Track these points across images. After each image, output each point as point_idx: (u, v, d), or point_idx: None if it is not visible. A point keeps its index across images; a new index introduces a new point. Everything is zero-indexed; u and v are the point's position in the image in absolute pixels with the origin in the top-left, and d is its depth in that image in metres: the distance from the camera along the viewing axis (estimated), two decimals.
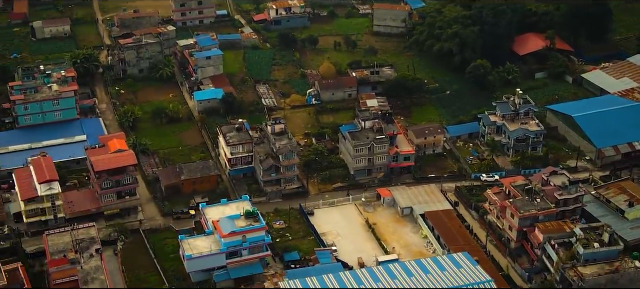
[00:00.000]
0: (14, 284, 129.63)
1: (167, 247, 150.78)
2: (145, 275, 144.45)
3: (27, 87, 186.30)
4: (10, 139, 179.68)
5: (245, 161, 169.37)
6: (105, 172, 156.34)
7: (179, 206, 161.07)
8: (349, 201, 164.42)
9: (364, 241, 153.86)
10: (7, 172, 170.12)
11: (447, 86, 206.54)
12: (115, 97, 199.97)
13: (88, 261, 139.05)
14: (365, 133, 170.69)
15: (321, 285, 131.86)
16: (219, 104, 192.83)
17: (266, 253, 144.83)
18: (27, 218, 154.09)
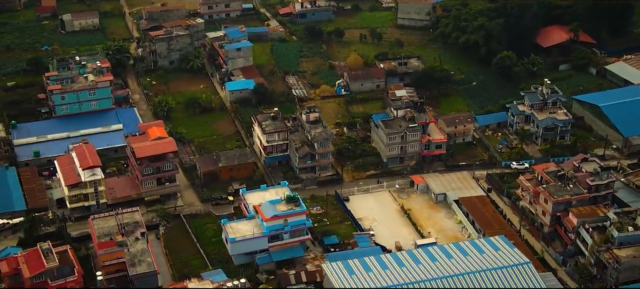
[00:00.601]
0: (65, 266, 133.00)
1: (208, 232, 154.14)
2: (188, 258, 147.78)
3: (63, 77, 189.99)
4: (48, 128, 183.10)
5: (280, 149, 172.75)
6: (146, 159, 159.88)
7: (217, 193, 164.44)
8: (383, 188, 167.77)
9: (400, 226, 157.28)
10: (46, 160, 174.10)
11: (473, 77, 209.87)
12: (148, 88, 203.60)
13: (134, 244, 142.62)
14: (398, 122, 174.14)
15: (364, 267, 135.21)
16: (250, 95, 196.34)
17: (307, 236, 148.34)
18: (71, 204, 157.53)
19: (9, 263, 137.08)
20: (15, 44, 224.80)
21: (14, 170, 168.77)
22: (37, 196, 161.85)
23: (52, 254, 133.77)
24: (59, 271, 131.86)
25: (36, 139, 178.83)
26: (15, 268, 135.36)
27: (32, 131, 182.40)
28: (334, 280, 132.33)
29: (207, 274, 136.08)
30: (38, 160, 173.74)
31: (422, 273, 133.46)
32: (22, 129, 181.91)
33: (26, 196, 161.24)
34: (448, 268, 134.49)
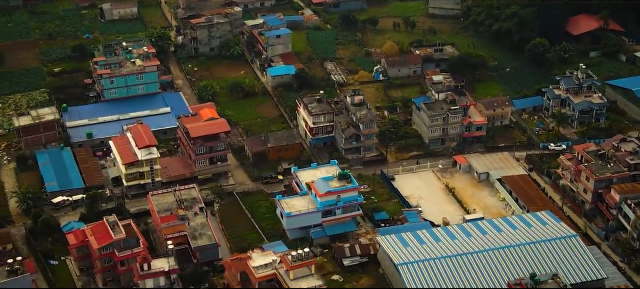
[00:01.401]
0: (131, 238, 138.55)
1: (260, 208, 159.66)
2: (244, 233, 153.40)
3: (110, 62, 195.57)
4: (98, 112, 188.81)
5: (325, 130, 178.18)
6: (200, 138, 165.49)
7: (267, 172, 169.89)
8: (426, 168, 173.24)
9: (446, 203, 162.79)
10: (99, 141, 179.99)
11: (505, 64, 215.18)
12: (190, 74, 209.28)
13: (194, 218, 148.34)
14: (440, 104, 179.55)
15: (417, 239, 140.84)
16: (291, 80, 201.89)
17: (358, 212, 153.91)
18: (127, 181, 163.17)
19: (76, 235, 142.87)
20: (56, 32, 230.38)
21: (69, 150, 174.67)
22: (93, 175, 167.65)
23: (118, 227, 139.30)
24: (125, 243, 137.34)
25: (87, 121, 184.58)
26: (82, 240, 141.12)
27: (82, 113, 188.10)
28: (389, 252, 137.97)
29: (269, 245, 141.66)
30: (90, 141, 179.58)
31: (474, 245, 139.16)
32: (72, 112, 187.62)
33: (83, 175, 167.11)
34: (498, 240, 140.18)
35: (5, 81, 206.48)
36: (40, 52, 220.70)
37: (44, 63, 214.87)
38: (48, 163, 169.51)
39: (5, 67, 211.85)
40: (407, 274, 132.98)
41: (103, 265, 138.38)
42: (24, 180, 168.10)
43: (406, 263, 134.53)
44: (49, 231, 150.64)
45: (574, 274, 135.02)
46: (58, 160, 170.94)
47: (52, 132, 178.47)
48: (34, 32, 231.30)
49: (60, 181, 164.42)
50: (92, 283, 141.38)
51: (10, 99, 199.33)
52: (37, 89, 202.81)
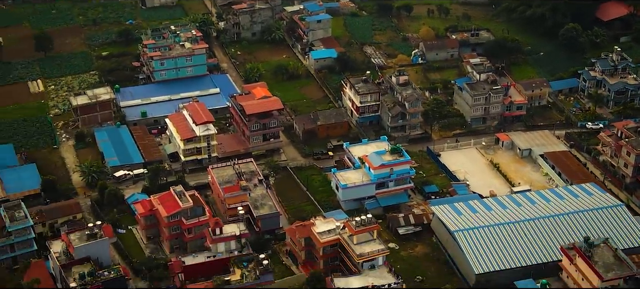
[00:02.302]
0: (198, 207, 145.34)
1: (314, 182, 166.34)
2: (300, 205, 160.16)
3: (160, 45, 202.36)
4: (149, 92, 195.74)
5: (372, 109, 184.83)
6: (255, 115, 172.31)
7: (317, 148, 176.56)
8: (470, 145, 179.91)
9: (491, 178, 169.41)
10: (153, 120, 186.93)
11: (538, 48, 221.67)
12: (234, 57, 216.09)
13: (254, 189, 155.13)
14: (481, 85, 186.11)
15: (470, 209, 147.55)
16: (333, 62, 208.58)
17: (410, 184, 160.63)
18: (185, 157, 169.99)
19: (144, 205, 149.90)
20: (100, 19, 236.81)
21: (126, 128, 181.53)
22: (151, 151, 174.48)
23: (185, 196, 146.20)
24: (192, 211, 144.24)
25: (140, 101, 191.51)
26: (150, 209, 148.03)
27: (134, 94, 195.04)
28: (444, 220, 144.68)
29: (330, 213, 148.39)
30: (145, 120, 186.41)
31: (524, 213, 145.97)
32: (125, 93, 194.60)
33: (142, 151, 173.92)
34: (548, 209, 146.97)
35: (55, 64, 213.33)
36: (86, 37, 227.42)
37: (91, 48, 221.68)
38: (107, 140, 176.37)
39: (53, 51, 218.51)
40: (463, 240, 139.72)
41: (171, 233, 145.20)
42: (83, 156, 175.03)
43: (461, 230, 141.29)
44: (114, 203, 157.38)
45: (622, 241, 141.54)
46: (116, 137, 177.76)
47: (108, 111, 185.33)
48: (77, 18, 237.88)
49: (120, 156, 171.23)
50: (159, 251, 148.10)
51: (62, 81, 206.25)
52: (87, 72, 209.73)
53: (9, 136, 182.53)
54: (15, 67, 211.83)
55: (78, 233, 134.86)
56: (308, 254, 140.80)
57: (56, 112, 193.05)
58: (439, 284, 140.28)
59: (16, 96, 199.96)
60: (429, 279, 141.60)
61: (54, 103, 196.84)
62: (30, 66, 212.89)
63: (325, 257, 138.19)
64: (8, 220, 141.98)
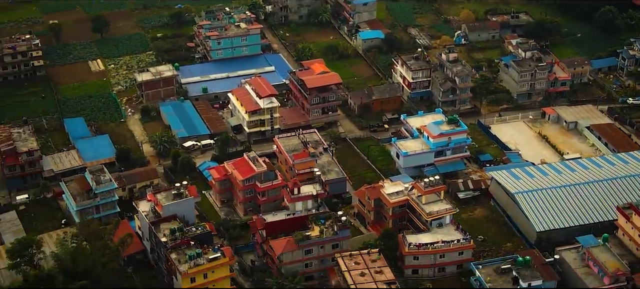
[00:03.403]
0: (270, 171, 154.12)
1: (372, 152, 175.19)
2: (361, 172, 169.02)
3: (215, 26, 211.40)
4: (207, 70, 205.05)
5: (423, 85, 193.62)
6: (315, 89, 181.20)
7: (373, 121, 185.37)
8: (518, 119, 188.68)
9: (540, 148, 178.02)
10: (213, 95, 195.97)
11: (574, 30, 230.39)
12: (283, 39, 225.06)
13: (320, 157, 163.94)
14: (527, 62, 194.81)
15: (527, 174, 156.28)
16: (381, 43, 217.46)
17: (466, 153, 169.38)
18: (249, 129, 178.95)
19: (218, 170, 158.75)
20: (150, 3, 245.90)
21: (189, 103, 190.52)
22: (215, 123, 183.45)
23: (258, 162, 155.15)
24: (265, 175, 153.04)
25: (200, 78, 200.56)
26: (224, 175, 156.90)
27: (193, 72, 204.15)
28: (504, 183, 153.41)
29: (396, 177, 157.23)
30: (206, 95, 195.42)
31: (579, 177, 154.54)
32: (184, 71, 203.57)
33: (207, 123, 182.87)
34: (601, 174, 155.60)
35: (111, 45, 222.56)
36: (138, 20, 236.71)
37: (145, 30, 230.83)
38: (172, 114, 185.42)
39: (109, 33, 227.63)
40: (523, 201, 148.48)
41: (245, 196, 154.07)
42: (149, 129, 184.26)
43: (521, 192, 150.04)
44: (187, 170, 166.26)
45: None
46: (181, 111, 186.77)
47: (170, 87, 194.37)
48: (127, 3, 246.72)
49: (187, 128, 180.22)
50: (233, 214, 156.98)
51: (121, 61, 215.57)
52: (144, 52, 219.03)
53: (77, 110, 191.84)
54: (74, 48, 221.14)
55: (164, 193, 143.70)
56: (377, 214, 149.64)
57: (119, 88, 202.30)
58: (499, 243, 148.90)
59: (78, 74, 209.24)
60: (489, 238, 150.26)
61: (116, 80, 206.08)
62: (87, 47, 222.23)
63: (394, 217, 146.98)
64: (94, 183, 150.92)
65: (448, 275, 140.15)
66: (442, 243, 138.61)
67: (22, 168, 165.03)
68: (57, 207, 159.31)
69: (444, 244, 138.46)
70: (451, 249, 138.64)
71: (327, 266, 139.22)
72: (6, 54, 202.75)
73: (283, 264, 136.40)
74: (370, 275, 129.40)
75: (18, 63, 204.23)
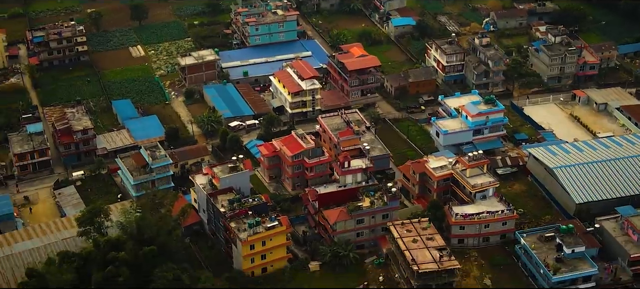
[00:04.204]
0: (317, 148, 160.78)
1: (411, 131, 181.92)
2: (401, 150, 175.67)
3: (253, 12, 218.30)
4: (245, 55, 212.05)
5: (457, 68, 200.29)
6: (355, 71, 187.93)
7: (410, 103, 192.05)
8: (549, 101, 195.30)
9: (573, 128, 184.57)
10: (254, 79, 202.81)
11: (599, 18, 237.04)
12: (316, 26, 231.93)
13: (363, 135, 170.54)
14: (557, 46, 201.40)
15: (563, 150, 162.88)
16: (412, 29, 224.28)
17: (503, 132, 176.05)
18: (292, 109, 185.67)
19: (267, 147, 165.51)
20: None
21: (232, 86, 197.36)
22: (259, 104, 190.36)
23: (306, 138, 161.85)
24: (313, 152, 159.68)
25: (240, 62, 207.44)
26: (273, 151, 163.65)
27: (232, 57, 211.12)
28: (542, 159, 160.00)
29: (438, 153, 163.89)
30: (246, 79, 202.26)
31: (614, 153, 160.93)
32: (224, 56, 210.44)
33: (250, 104, 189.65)
34: (635, 150, 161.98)
35: (150, 32, 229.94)
36: (174, 9, 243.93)
37: (181, 18, 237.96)
38: (216, 96, 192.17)
39: (147, 21, 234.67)
40: (561, 175, 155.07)
41: (294, 171, 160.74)
42: (193, 110, 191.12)
43: (560, 167, 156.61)
44: (235, 148, 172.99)
45: None
46: (224, 93, 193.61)
47: (212, 71, 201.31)
48: None
49: (231, 109, 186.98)
50: (281, 188, 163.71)
51: (161, 47, 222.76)
52: (182, 39, 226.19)
53: (123, 93, 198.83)
54: (114, 35, 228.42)
55: (221, 167, 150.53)
56: (421, 188, 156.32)
57: (161, 73, 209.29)
58: (538, 216, 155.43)
59: (120, 60, 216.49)
60: (528, 211, 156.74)
61: (157, 65, 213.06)
62: (127, 34, 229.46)
63: (438, 190, 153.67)
64: (150, 159, 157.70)
65: (492, 244, 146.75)
66: (487, 214, 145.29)
67: (77, 146, 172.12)
68: (112, 183, 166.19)
69: (488, 215, 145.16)
70: (495, 219, 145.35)
71: (377, 235, 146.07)
72: (52, 39, 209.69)
73: (336, 233, 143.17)
74: (422, 242, 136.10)
75: (63, 49, 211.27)
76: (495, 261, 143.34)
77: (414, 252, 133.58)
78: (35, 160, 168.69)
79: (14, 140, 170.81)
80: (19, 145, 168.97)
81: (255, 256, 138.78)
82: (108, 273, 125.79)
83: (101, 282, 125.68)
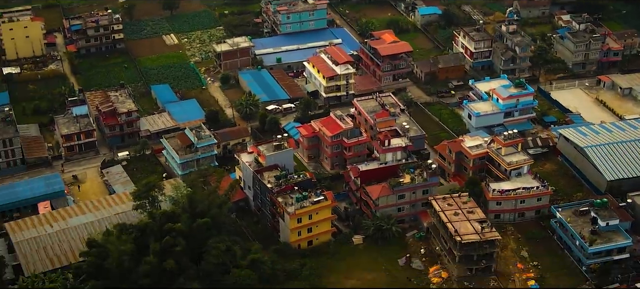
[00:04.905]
0: (355, 128, 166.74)
1: (442, 115, 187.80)
2: (434, 131, 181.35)
3: (284, 1, 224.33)
4: (277, 42, 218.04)
5: (484, 55, 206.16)
6: (388, 57, 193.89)
7: (440, 88, 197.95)
8: (575, 86, 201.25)
9: (599, 111, 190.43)
10: (287, 65, 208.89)
11: (619, 7, 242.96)
12: (343, 15, 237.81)
13: (398, 116, 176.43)
14: (582, 33, 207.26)
15: (592, 131, 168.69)
16: (438, 18, 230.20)
17: (532, 114, 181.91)
18: (326, 94, 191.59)
19: (306, 128, 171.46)
20: None
21: (266, 71, 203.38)
22: (293, 89, 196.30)
23: (345, 119, 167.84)
24: (351, 132, 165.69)
25: (272, 49, 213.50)
26: (312, 132, 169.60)
27: (265, 44, 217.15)
28: (573, 139, 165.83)
29: (473, 133, 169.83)
30: (279, 65, 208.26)
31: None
32: (257, 43, 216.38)
33: (285, 89, 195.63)
34: None
35: (182, 21, 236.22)
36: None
37: (211, 7, 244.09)
38: (252, 81, 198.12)
39: (178, 11, 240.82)
40: (592, 154, 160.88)
41: (333, 151, 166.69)
42: (230, 95, 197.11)
43: (590, 146, 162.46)
44: (274, 129, 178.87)
45: None
46: (259, 78, 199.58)
47: (246, 57, 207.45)
48: None
49: (267, 93, 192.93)
50: (320, 168, 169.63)
51: (193, 35, 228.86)
52: (214, 27, 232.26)
53: (160, 79, 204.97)
54: (147, 24, 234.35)
55: (266, 145, 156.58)
56: (457, 166, 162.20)
57: (196, 60, 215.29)
58: (570, 193, 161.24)
59: (155, 47, 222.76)
60: (560, 189, 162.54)
61: (191, 53, 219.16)
62: (159, 23, 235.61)
63: (474, 168, 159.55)
64: (195, 138, 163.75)
65: (527, 219, 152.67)
66: (522, 190, 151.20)
67: (121, 128, 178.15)
68: (156, 163, 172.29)
69: (524, 191, 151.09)
70: (531, 195, 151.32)
71: (417, 210, 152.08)
72: (90, 27, 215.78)
73: (378, 208, 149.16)
74: (463, 214, 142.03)
75: (100, 36, 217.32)
76: (531, 235, 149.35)
77: (456, 224, 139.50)
78: (81, 141, 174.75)
79: (60, 122, 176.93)
80: (66, 127, 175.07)
81: (301, 229, 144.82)
82: (166, 243, 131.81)
83: (159, 251, 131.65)
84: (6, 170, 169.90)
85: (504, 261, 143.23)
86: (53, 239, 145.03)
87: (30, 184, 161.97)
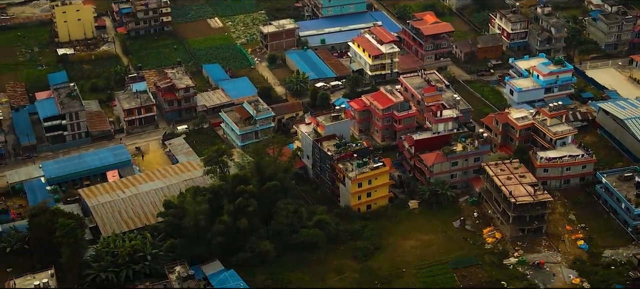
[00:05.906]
0: (405, 102, 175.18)
1: (483, 91, 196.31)
2: (478, 108, 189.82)
3: None
4: (320, 25, 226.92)
5: (520, 36, 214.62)
6: (430, 36, 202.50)
7: (480, 67, 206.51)
8: (608, 65, 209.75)
9: (633, 88, 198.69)
10: (330, 46, 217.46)
11: None
12: (380, 0, 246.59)
13: (444, 92, 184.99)
14: (614, 15, 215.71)
15: (631, 105, 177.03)
16: (473, 2, 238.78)
17: (570, 91, 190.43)
18: (371, 72, 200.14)
19: (357, 103, 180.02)
20: None
21: (312, 51, 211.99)
22: (339, 68, 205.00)
23: (395, 93, 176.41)
24: (401, 106, 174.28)
25: (316, 31, 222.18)
26: (363, 106, 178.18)
27: (308, 27, 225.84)
28: (614, 112, 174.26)
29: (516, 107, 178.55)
30: (323, 46, 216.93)
31: None
32: (300, 25, 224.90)
33: (331, 67, 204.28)
34: None
35: (225, 6, 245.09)
36: None
37: None
38: (299, 60, 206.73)
39: None
40: (633, 125, 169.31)
41: (384, 124, 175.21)
42: (277, 74, 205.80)
43: (630, 118, 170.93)
44: (325, 105, 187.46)
45: None
46: (306, 58, 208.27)
47: (292, 38, 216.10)
48: None
49: (315, 72, 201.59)
50: (371, 140, 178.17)
51: (237, 19, 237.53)
52: (256, 11, 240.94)
53: (209, 59, 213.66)
54: (191, 9, 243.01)
55: (323, 116, 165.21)
56: (504, 138, 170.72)
57: (242, 41, 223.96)
58: (611, 163, 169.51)
59: (201, 30, 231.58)
60: (601, 160, 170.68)
61: (237, 35, 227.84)
62: (203, 8, 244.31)
63: (520, 139, 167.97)
64: (254, 111, 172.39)
65: (572, 186, 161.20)
66: (568, 157, 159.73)
67: (179, 103, 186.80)
68: (214, 135, 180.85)
69: (570, 158, 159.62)
70: (577, 163, 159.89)
71: (469, 177, 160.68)
72: (139, 10, 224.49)
73: (433, 175, 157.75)
74: (515, 179, 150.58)
75: (149, 19, 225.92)
76: (577, 200, 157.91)
77: (510, 187, 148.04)
78: (141, 115, 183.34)
79: (121, 98, 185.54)
80: (127, 102, 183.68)
81: (361, 194, 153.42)
82: (239, 203, 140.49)
83: (232, 211, 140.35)
84: (72, 142, 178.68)
85: (553, 224, 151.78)
86: (126, 203, 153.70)
87: (98, 155, 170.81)
